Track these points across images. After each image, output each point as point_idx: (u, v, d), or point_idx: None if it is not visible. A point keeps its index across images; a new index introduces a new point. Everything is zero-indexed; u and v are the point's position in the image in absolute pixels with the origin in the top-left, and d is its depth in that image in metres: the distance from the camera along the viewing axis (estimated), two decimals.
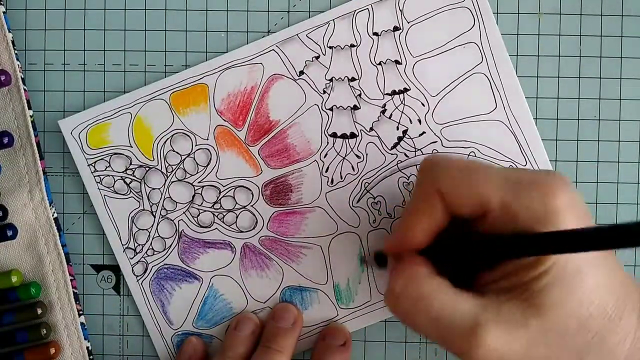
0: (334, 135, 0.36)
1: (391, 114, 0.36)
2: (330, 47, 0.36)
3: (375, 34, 0.36)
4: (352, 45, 0.36)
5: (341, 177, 0.36)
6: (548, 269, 0.25)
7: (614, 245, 0.23)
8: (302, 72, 0.36)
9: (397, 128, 0.36)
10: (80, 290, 0.37)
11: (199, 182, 0.37)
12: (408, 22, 0.36)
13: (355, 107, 0.36)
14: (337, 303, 0.37)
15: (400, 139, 0.36)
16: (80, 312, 0.36)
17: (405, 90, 0.36)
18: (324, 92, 0.36)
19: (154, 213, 0.37)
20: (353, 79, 0.36)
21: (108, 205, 0.37)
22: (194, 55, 0.37)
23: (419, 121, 0.36)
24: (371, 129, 0.36)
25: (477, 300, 0.26)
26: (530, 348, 0.25)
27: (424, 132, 0.36)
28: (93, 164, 0.37)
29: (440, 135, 0.36)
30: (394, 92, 0.36)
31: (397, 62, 0.36)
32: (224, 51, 0.37)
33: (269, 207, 0.37)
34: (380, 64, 0.36)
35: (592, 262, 0.26)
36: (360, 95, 0.36)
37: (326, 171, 0.36)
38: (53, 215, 0.36)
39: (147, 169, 0.37)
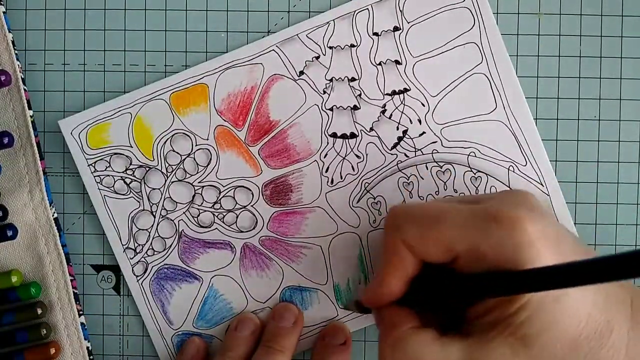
0: (334, 135, 0.36)
1: (391, 114, 0.36)
2: (330, 47, 0.36)
3: (375, 34, 0.36)
4: (352, 46, 0.36)
5: (341, 177, 0.36)
6: (527, 302, 0.25)
7: (586, 281, 0.22)
8: (302, 72, 0.36)
9: (397, 128, 0.36)
10: (80, 290, 0.37)
11: (199, 182, 0.37)
12: (408, 22, 0.36)
13: (355, 107, 0.36)
14: (337, 303, 0.37)
15: (400, 139, 0.36)
16: (80, 312, 0.36)
17: (405, 90, 0.36)
18: (324, 92, 0.36)
19: (154, 213, 0.37)
20: (353, 79, 0.36)
21: (108, 205, 0.37)
22: (194, 55, 0.37)
23: (419, 121, 0.36)
24: (371, 129, 0.36)
25: (463, 344, 0.26)
26: None
27: (424, 132, 0.36)
28: (93, 164, 0.37)
29: (440, 135, 0.36)
30: (394, 92, 0.36)
31: (397, 62, 0.36)
32: (224, 51, 0.37)
33: (269, 207, 0.37)
34: (380, 64, 0.36)
35: None
36: (360, 95, 0.36)
37: (326, 171, 0.36)
38: (53, 215, 0.36)
39: (147, 169, 0.37)
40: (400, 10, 0.36)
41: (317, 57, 0.36)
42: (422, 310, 0.29)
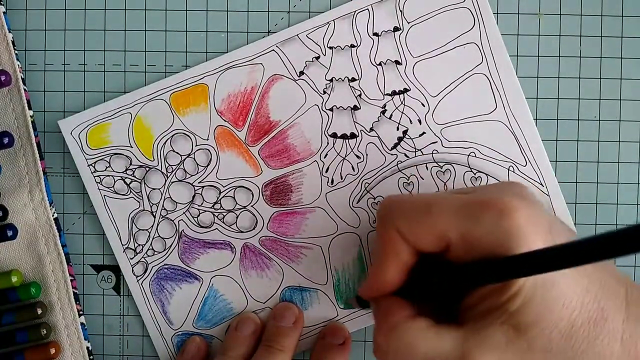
0: (334, 135, 0.36)
1: (391, 115, 0.36)
2: (331, 48, 0.36)
3: (375, 34, 0.36)
4: (352, 46, 0.36)
5: (341, 178, 0.36)
6: (520, 289, 0.25)
7: (575, 262, 0.22)
8: (302, 73, 0.36)
9: (397, 128, 0.36)
10: (80, 290, 0.37)
11: (199, 182, 0.37)
12: (408, 23, 0.36)
13: (355, 108, 0.36)
14: (337, 303, 0.37)
15: (400, 139, 0.36)
16: (80, 312, 0.36)
17: (406, 90, 0.36)
18: (324, 92, 0.36)
19: (154, 213, 0.37)
20: (353, 79, 0.36)
21: (108, 206, 0.37)
22: (194, 55, 0.37)
23: (419, 121, 0.36)
24: (371, 129, 0.36)
25: (458, 332, 0.26)
26: None
27: (424, 133, 0.36)
28: (93, 164, 0.37)
29: (440, 136, 0.36)
30: (394, 93, 0.36)
31: (397, 62, 0.36)
32: (224, 51, 0.37)
33: (269, 207, 0.37)
34: (380, 64, 0.36)
35: (566, 270, 0.25)
36: (360, 95, 0.36)
37: (326, 171, 0.36)
38: (53, 216, 0.36)
39: (147, 169, 0.37)
40: (400, 11, 0.36)
41: (317, 57, 0.36)
42: (419, 302, 0.29)
